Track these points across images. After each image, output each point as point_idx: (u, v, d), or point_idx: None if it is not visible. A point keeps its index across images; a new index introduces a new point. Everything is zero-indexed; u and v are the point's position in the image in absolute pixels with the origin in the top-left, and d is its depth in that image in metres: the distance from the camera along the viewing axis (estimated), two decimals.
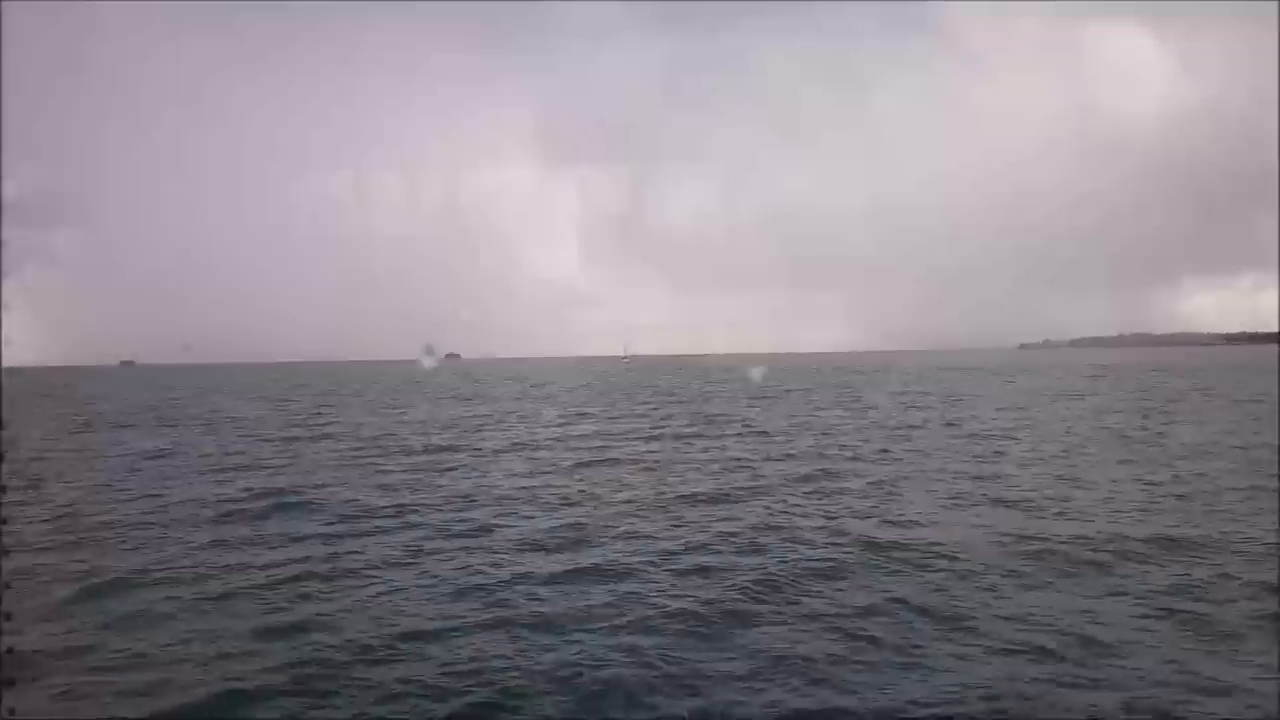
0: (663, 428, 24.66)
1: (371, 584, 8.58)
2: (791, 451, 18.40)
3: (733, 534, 10.40)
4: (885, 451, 18.01)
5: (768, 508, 11.96)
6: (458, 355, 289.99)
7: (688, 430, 23.58)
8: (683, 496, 13.05)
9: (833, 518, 11.26)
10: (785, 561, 8.94)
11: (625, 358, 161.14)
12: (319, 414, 33.20)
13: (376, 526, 11.32)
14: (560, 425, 26.02)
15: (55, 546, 10.40)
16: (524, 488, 14.19)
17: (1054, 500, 12.04)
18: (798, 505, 12.21)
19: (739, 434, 22.30)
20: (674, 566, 8.95)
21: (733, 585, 8.13)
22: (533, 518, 11.73)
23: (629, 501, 12.81)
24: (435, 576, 8.77)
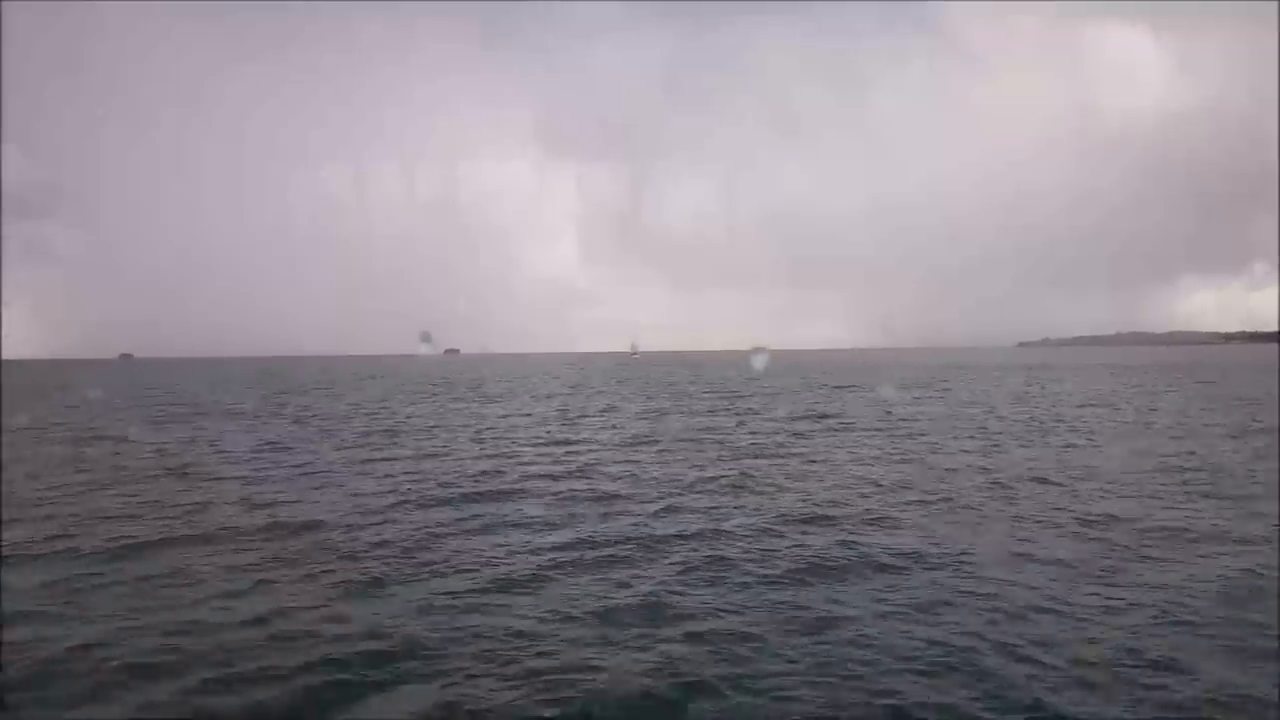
0: (745, 421, 24.61)
1: (689, 569, 8.53)
2: (910, 449, 18.37)
3: (969, 525, 10.42)
4: (1029, 446, 18.07)
5: (980, 505, 11.94)
6: (457, 350, 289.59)
7: (783, 426, 23.54)
8: (867, 494, 13.01)
9: (1073, 512, 11.26)
10: (1076, 561, 8.89)
11: (634, 353, 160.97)
12: (386, 409, 33.05)
13: (612, 511, 11.40)
14: (650, 421, 25.89)
15: (281, 536, 10.29)
16: (698, 479, 14.12)
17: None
18: (1011, 496, 12.25)
19: (843, 430, 22.27)
20: (948, 558, 8.90)
21: (1045, 576, 8.12)
22: (745, 509, 11.65)
23: (810, 497, 12.74)
24: (743, 562, 8.79)
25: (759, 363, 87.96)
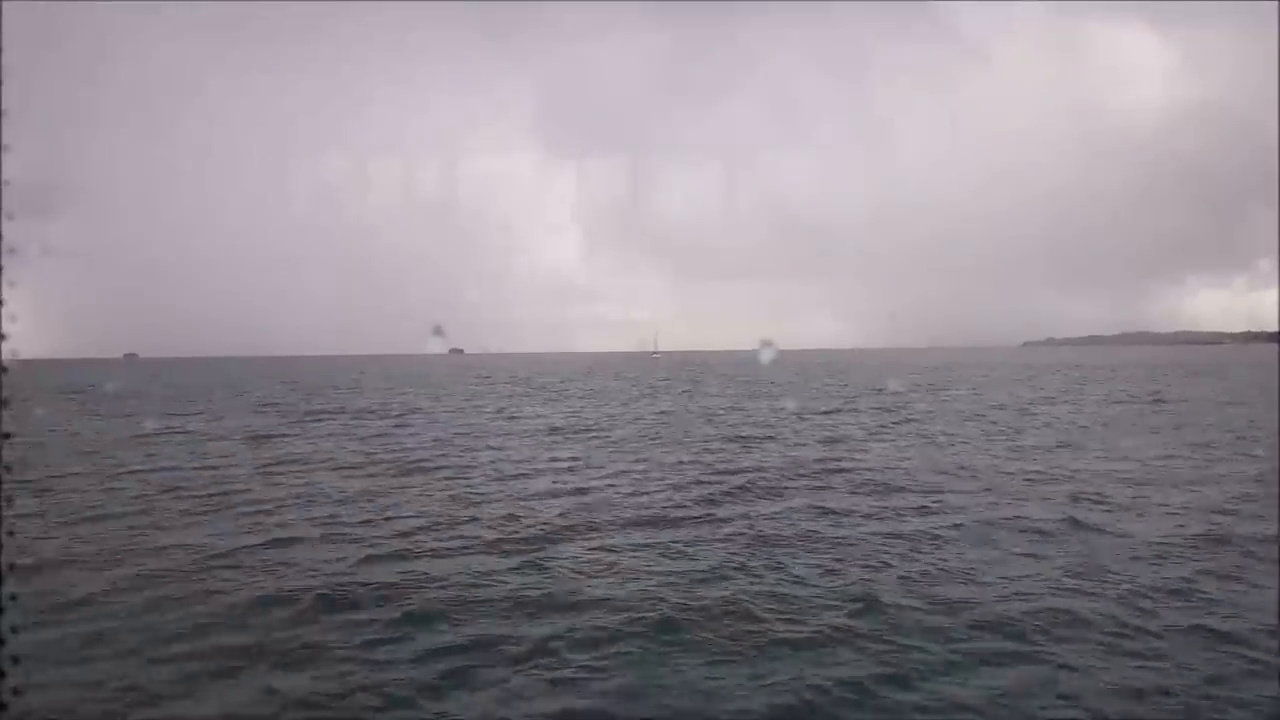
0: (908, 420, 24.53)
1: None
2: (1124, 450, 18.30)
3: None
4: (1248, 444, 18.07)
5: None
6: (462, 350, 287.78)
7: (948, 429, 23.49)
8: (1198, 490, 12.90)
9: None
10: None
11: (656, 353, 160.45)
12: (504, 410, 32.93)
13: (930, 507, 11.21)
14: (794, 421, 25.78)
15: (644, 529, 10.14)
16: (960, 473, 14.02)
17: None
18: None
19: (1026, 431, 22.24)
20: None
21: None
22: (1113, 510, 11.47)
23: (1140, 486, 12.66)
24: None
25: (767, 358, 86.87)
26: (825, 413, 27.62)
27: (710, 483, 13.70)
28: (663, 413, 28.62)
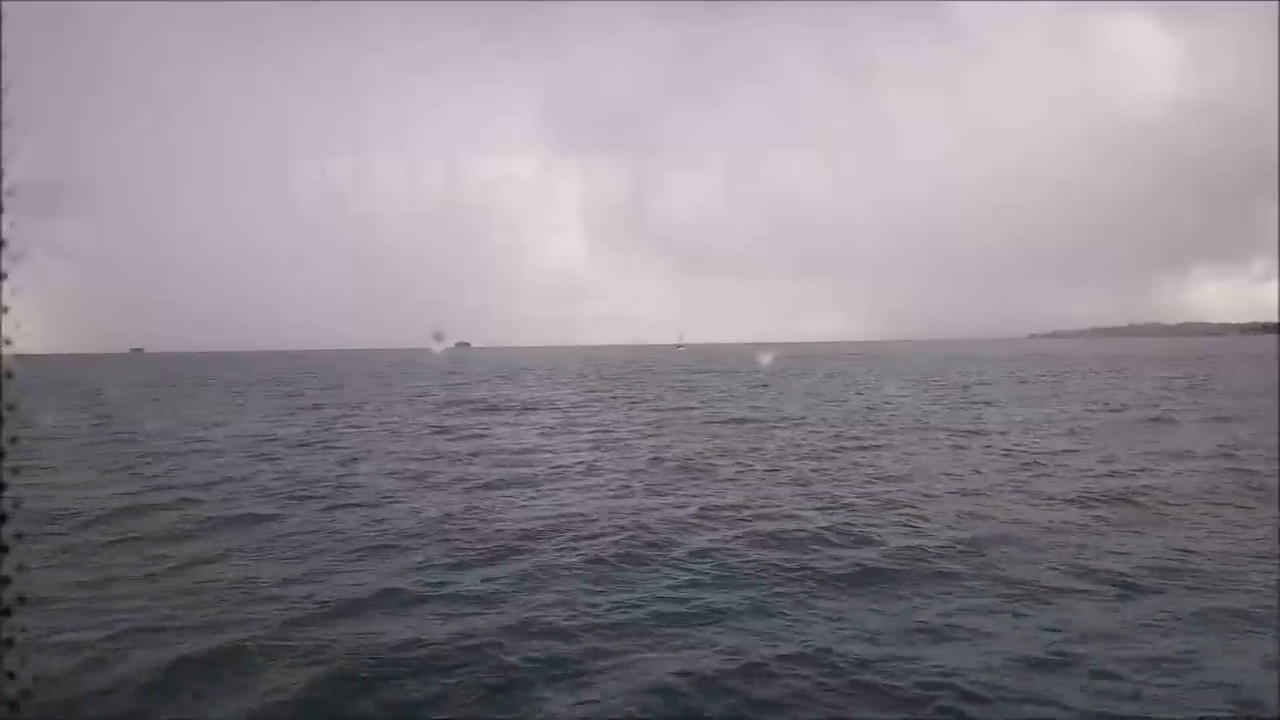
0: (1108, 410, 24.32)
1: None
2: None
3: None
4: None
5: None
6: (468, 344, 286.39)
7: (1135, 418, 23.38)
8: None
9: None
10: None
11: (680, 346, 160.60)
12: (640, 402, 32.73)
13: None
14: (963, 411, 25.64)
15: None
16: None
17: None
18: None
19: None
20: None
21: None
22: None
23: None
24: None
25: (765, 359, 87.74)
26: (986, 403, 27.58)
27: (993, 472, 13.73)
28: (837, 401, 28.54)
